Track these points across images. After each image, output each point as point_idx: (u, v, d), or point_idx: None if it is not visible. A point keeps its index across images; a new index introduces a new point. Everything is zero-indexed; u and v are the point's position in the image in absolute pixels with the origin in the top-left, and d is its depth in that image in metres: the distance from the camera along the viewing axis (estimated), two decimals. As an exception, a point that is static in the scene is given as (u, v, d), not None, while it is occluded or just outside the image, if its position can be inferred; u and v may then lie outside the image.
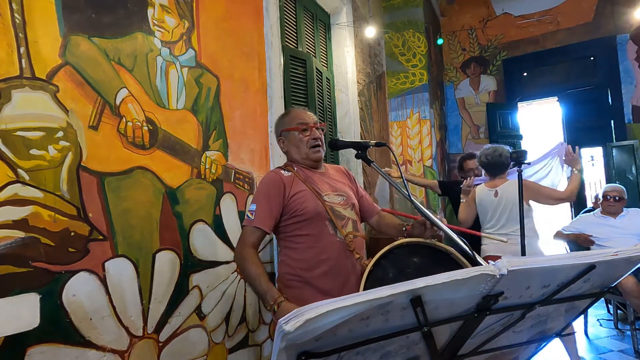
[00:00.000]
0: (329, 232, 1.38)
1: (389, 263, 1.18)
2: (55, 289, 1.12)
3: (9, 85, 1.05)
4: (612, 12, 4.78)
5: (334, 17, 3.38)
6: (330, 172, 1.54)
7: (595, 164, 5.02)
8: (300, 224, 1.38)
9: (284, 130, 1.48)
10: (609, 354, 2.81)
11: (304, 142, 1.43)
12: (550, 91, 5.20)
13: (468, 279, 0.56)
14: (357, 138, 3.37)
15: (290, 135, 1.46)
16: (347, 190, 1.49)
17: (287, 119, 1.49)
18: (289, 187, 1.38)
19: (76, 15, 1.24)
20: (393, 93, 4.61)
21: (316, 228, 1.37)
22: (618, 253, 0.65)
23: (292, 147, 1.47)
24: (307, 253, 1.37)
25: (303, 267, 1.37)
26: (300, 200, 1.37)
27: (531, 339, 0.83)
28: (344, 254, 1.38)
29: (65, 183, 1.16)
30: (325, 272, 1.35)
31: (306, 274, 1.36)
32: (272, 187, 1.38)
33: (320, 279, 1.35)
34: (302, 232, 1.38)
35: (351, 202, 1.47)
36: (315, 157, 1.45)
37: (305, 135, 1.44)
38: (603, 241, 3.11)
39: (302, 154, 1.45)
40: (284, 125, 1.49)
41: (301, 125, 1.43)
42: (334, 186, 1.46)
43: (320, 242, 1.37)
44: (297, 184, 1.40)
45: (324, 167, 1.54)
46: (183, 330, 1.52)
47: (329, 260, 1.36)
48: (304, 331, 0.50)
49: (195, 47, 1.69)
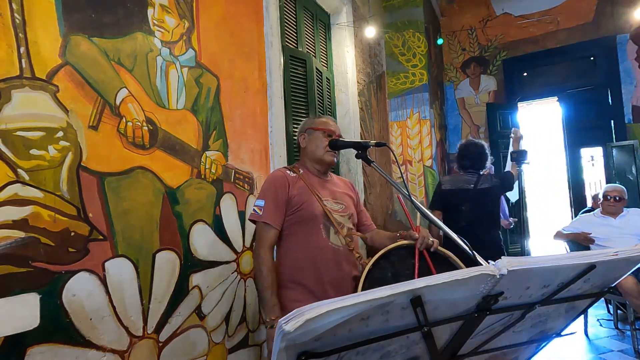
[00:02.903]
0: (322, 236, 1.40)
1: (388, 264, 1.19)
2: (55, 289, 1.12)
3: (9, 85, 1.05)
4: (612, 12, 4.77)
5: (334, 17, 3.38)
6: (335, 181, 1.59)
7: (595, 164, 5.02)
8: (294, 224, 1.41)
9: (311, 128, 1.53)
10: (609, 354, 2.81)
11: (324, 144, 1.48)
12: (550, 91, 5.20)
13: (468, 279, 0.56)
14: (357, 138, 3.36)
15: (314, 134, 1.51)
16: (347, 200, 1.54)
17: (317, 121, 1.55)
18: (292, 186, 1.43)
19: (76, 15, 1.24)
20: (393, 93, 4.61)
21: (309, 230, 1.40)
22: (618, 253, 0.65)
23: (312, 145, 1.51)
24: (297, 254, 1.40)
25: (294, 267, 1.39)
26: (300, 200, 1.40)
27: (531, 339, 0.83)
28: (336, 260, 1.40)
29: (65, 183, 1.16)
30: (317, 276, 1.37)
31: (297, 275, 1.39)
32: (278, 185, 1.42)
33: (312, 282, 1.37)
34: (295, 232, 1.41)
35: (349, 211, 1.51)
36: (329, 160, 1.49)
37: (327, 139, 1.49)
38: (603, 241, 3.11)
39: (318, 153, 1.49)
40: (313, 124, 1.54)
41: (328, 131, 1.50)
42: (334, 194, 1.50)
43: (311, 244, 1.39)
44: (301, 185, 1.44)
45: (331, 175, 1.59)
46: (183, 330, 1.52)
47: (320, 264, 1.38)
48: (304, 331, 0.50)
49: (195, 47, 1.69)
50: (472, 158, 2.67)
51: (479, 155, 2.66)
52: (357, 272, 1.44)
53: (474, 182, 2.59)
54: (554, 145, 5.62)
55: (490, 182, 2.61)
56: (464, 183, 2.61)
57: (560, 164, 5.32)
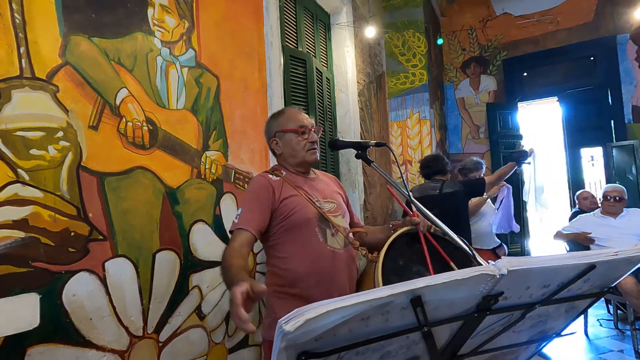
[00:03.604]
0: (318, 240, 1.29)
1: (396, 253, 1.19)
2: (55, 289, 1.12)
3: (9, 85, 1.05)
4: (612, 12, 4.78)
5: (334, 17, 3.38)
6: (321, 178, 1.47)
7: (595, 164, 5.02)
8: (287, 231, 1.29)
9: (279, 131, 1.37)
10: (609, 354, 2.81)
11: (301, 145, 1.35)
12: (550, 91, 5.20)
13: (468, 279, 0.56)
14: (357, 138, 3.36)
15: (286, 137, 1.36)
16: (337, 197, 1.42)
17: (282, 119, 1.39)
18: (278, 191, 1.30)
19: (76, 15, 1.24)
20: (393, 93, 4.61)
21: (305, 235, 1.28)
22: (618, 253, 0.65)
23: (288, 150, 1.37)
24: (295, 262, 1.28)
25: (292, 277, 1.28)
26: (290, 205, 1.29)
27: (531, 339, 0.83)
28: (335, 263, 1.30)
29: (65, 183, 1.16)
30: (317, 282, 1.26)
31: (295, 285, 1.27)
32: (260, 191, 1.29)
33: (311, 290, 1.26)
34: (290, 240, 1.29)
35: (342, 210, 1.41)
36: (312, 159, 1.37)
37: (304, 138, 1.35)
38: (603, 241, 3.11)
39: (298, 157, 1.36)
40: (279, 126, 1.38)
41: (300, 127, 1.35)
42: (324, 192, 1.39)
43: (309, 250, 1.28)
44: (287, 188, 1.32)
45: (314, 172, 1.46)
46: (183, 330, 1.52)
47: (319, 270, 1.27)
48: (304, 331, 0.50)
49: (195, 47, 1.69)
50: (429, 165, 2.92)
51: (433, 159, 2.93)
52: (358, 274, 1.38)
53: (439, 187, 2.74)
54: (554, 145, 5.61)
55: (454, 187, 2.74)
56: (429, 190, 2.78)
57: (560, 164, 5.32)
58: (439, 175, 2.86)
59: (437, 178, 2.85)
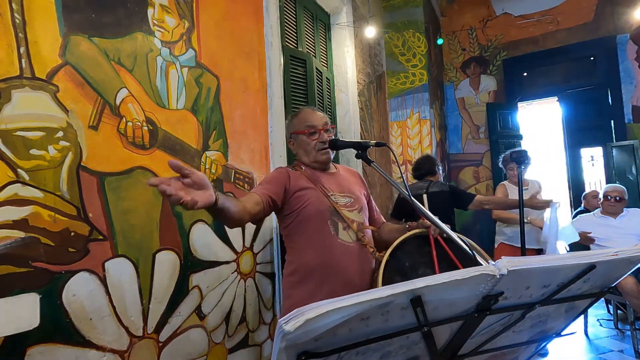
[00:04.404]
0: (329, 233, 1.34)
1: (404, 254, 1.19)
2: (55, 289, 1.12)
3: (9, 85, 1.05)
4: (612, 12, 4.78)
5: (334, 17, 3.38)
6: (341, 172, 1.53)
7: (595, 164, 5.02)
8: (300, 222, 1.36)
9: (294, 132, 1.47)
10: (609, 354, 2.82)
11: (311, 146, 1.42)
12: (550, 91, 5.20)
13: (468, 279, 0.56)
14: (357, 138, 3.36)
15: (299, 138, 1.45)
16: (356, 192, 1.47)
17: (295, 120, 1.47)
18: (295, 181, 1.38)
19: (76, 15, 1.24)
20: (393, 93, 4.61)
21: (316, 227, 1.34)
22: (618, 253, 0.65)
23: (301, 150, 1.46)
24: (306, 253, 1.35)
25: (303, 266, 1.35)
26: (305, 197, 1.35)
27: (531, 339, 0.83)
28: (346, 256, 1.34)
29: (65, 183, 1.16)
30: (326, 274, 1.32)
31: (307, 274, 1.34)
32: (275, 175, 1.40)
33: (322, 280, 1.32)
34: (302, 230, 1.36)
35: (359, 204, 1.44)
36: (323, 159, 1.43)
37: (313, 138, 1.42)
38: (603, 241, 3.11)
39: (310, 157, 1.44)
40: (293, 127, 1.48)
41: (309, 128, 1.42)
42: (341, 187, 1.44)
43: (319, 242, 1.34)
44: (304, 180, 1.40)
45: (335, 167, 1.53)
46: (183, 330, 1.52)
47: (328, 262, 1.32)
48: (304, 331, 0.50)
49: (195, 47, 1.69)
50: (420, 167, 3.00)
51: (424, 160, 3.02)
52: (372, 267, 1.38)
53: (425, 187, 2.81)
54: (554, 145, 5.61)
55: (440, 187, 2.81)
56: (417, 189, 2.84)
57: (560, 164, 5.32)
58: (429, 176, 2.94)
59: (427, 179, 2.93)
